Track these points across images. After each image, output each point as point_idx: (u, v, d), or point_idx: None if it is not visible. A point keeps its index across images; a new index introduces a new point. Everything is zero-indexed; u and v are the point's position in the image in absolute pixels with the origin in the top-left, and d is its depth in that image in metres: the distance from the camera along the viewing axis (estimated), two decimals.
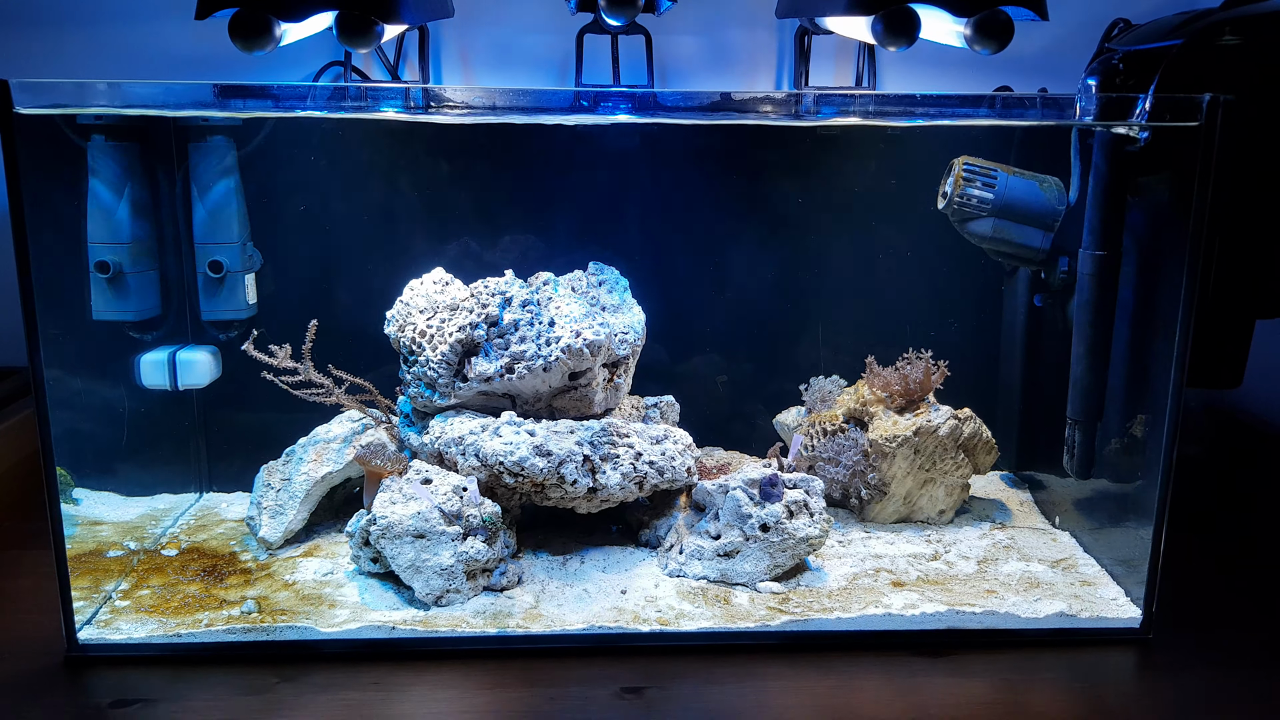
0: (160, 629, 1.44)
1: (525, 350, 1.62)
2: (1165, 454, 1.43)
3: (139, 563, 1.65)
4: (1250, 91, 1.40)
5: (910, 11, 1.54)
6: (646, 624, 1.47)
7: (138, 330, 1.81)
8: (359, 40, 1.56)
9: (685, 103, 1.44)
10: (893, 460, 1.79)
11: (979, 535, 1.79)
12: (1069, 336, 1.65)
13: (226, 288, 1.82)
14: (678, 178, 1.94)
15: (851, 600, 1.54)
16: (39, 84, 1.28)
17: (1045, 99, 1.49)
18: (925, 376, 1.82)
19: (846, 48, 2.03)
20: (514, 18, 2.00)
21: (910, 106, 1.44)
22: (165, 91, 1.38)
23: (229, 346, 1.84)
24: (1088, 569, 1.65)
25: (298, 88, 1.42)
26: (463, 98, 1.41)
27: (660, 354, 1.98)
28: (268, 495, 1.73)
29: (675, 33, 2.01)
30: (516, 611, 1.50)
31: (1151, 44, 1.52)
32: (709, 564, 1.59)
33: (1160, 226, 1.49)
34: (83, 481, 1.82)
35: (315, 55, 1.95)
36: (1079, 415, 1.64)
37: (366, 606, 1.51)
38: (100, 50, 1.98)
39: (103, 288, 1.74)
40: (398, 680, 1.36)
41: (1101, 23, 1.70)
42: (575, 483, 1.59)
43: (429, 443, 1.64)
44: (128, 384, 1.81)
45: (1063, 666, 1.41)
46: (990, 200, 1.73)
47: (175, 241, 1.83)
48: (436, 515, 1.51)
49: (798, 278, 2.01)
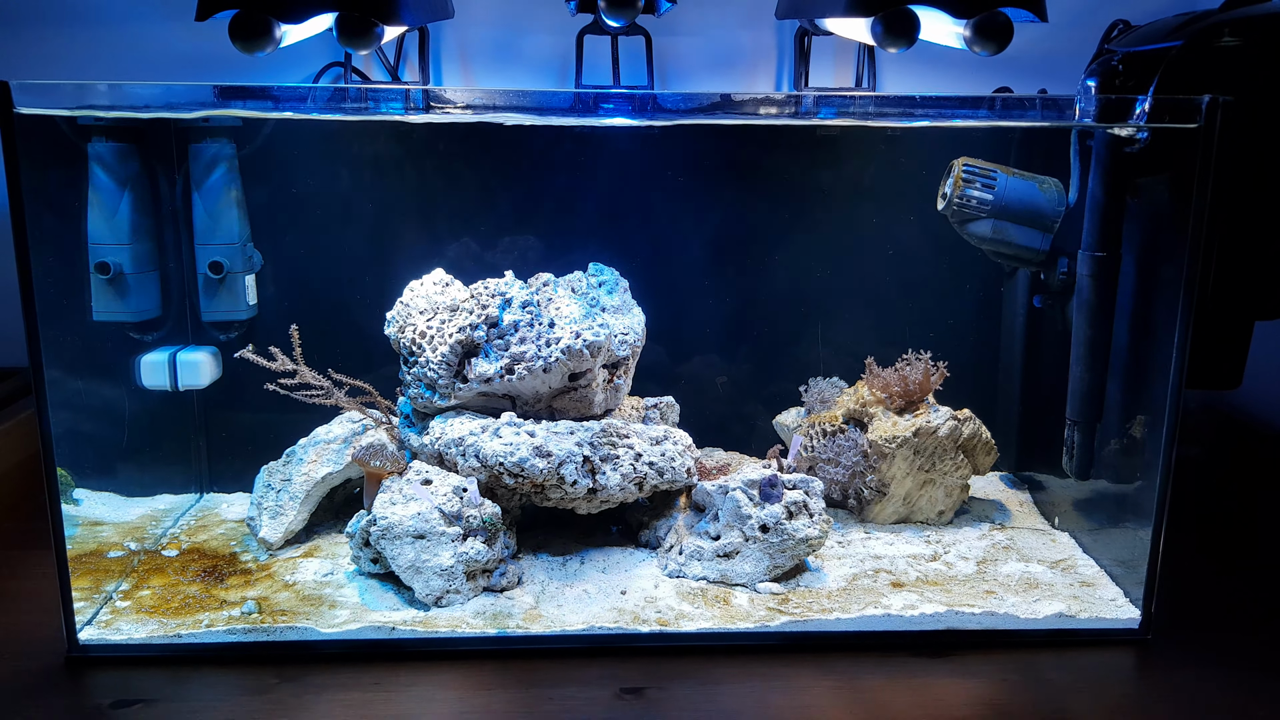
0: (161, 629, 1.44)
1: (525, 351, 1.62)
2: (1164, 455, 1.43)
3: (139, 563, 1.65)
4: (1250, 93, 1.40)
5: (910, 13, 1.54)
6: (646, 624, 1.47)
7: (138, 331, 1.81)
8: (359, 41, 1.56)
9: (685, 104, 1.44)
10: (892, 461, 1.79)
11: (978, 536, 1.79)
12: (1068, 337, 1.65)
13: (227, 288, 1.83)
14: (677, 179, 1.95)
15: (851, 601, 1.54)
16: (39, 85, 1.28)
17: (1045, 100, 1.49)
18: (924, 377, 1.82)
19: (846, 49, 2.03)
20: (514, 19, 2.00)
21: (910, 108, 1.44)
22: (165, 92, 1.38)
23: (229, 347, 1.84)
24: (1087, 570, 1.66)
25: (298, 89, 1.42)
26: (463, 99, 1.41)
27: (660, 355, 1.98)
28: (268, 496, 1.73)
29: (675, 34, 2.01)
30: (516, 612, 1.50)
31: (1151, 45, 1.52)
32: (709, 564, 1.59)
33: (1160, 228, 1.49)
34: (83, 482, 1.82)
35: (315, 56, 1.95)
36: (1078, 416, 1.64)
37: (367, 607, 1.51)
38: (101, 51, 1.98)
39: (103, 288, 1.74)
40: (398, 680, 1.36)
41: (1101, 24, 1.71)
42: (575, 483, 1.59)
43: (429, 443, 1.64)
44: (128, 385, 1.81)
45: (1062, 667, 1.41)
46: (990, 201, 1.73)
47: (175, 242, 1.84)
48: (436, 516, 1.51)
49: (797, 279, 2.01)
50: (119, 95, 1.35)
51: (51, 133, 1.68)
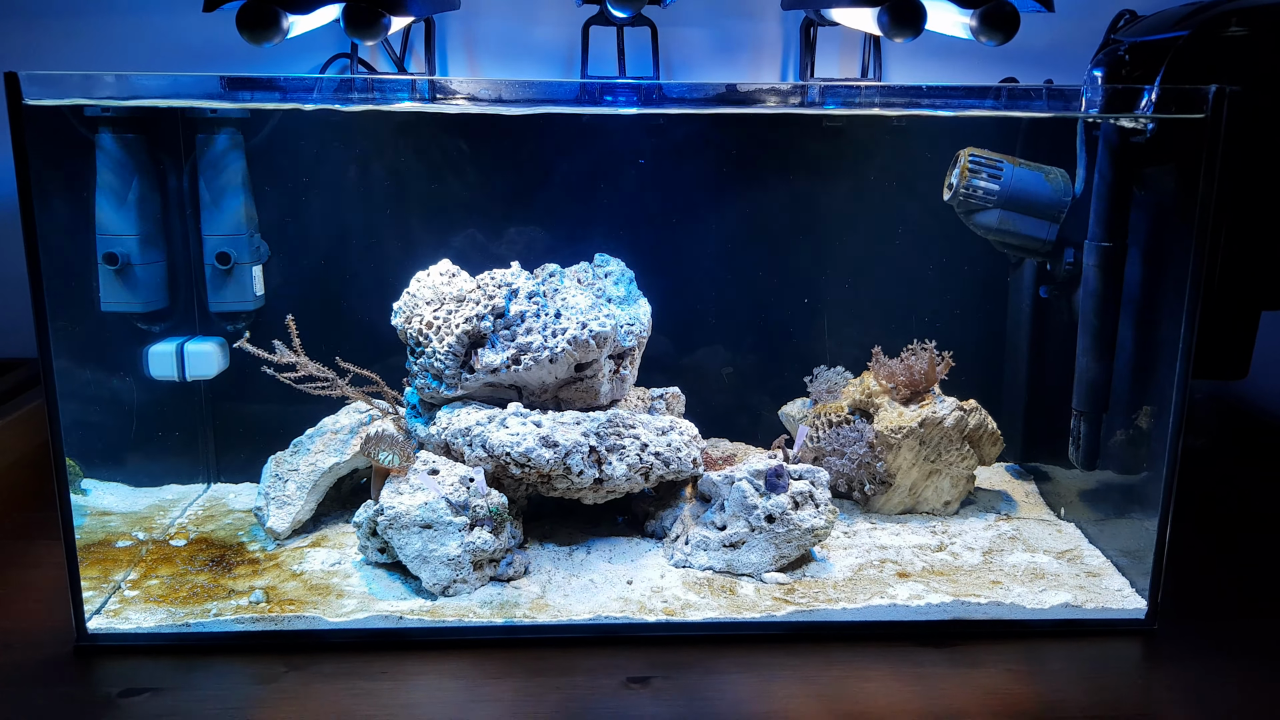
0: (169, 618, 1.45)
1: (531, 342, 1.62)
2: (1170, 445, 1.43)
3: (147, 553, 1.66)
4: (1256, 82, 1.40)
5: (916, 3, 1.53)
6: (652, 614, 1.47)
7: (146, 321, 1.81)
8: (366, 32, 1.56)
9: (691, 94, 1.44)
10: (898, 451, 1.79)
11: (984, 526, 1.79)
12: (1074, 328, 1.65)
13: (234, 279, 1.83)
14: (683, 169, 1.94)
15: (857, 591, 1.54)
16: (48, 76, 1.28)
17: (1051, 90, 1.49)
18: (930, 368, 1.82)
19: (852, 39, 2.03)
20: (519, 10, 2.00)
21: (916, 98, 1.44)
22: (173, 83, 1.38)
23: (236, 338, 1.85)
24: (1093, 560, 1.66)
25: (304, 79, 1.42)
26: (469, 89, 1.41)
27: (666, 345, 1.98)
28: (275, 486, 1.74)
29: (681, 24, 2.01)
30: (523, 601, 1.50)
31: (1157, 35, 1.51)
32: (714, 554, 1.60)
33: (1166, 218, 1.48)
34: (91, 472, 1.83)
35: (322, 47, 1.95)
36: (1084, 406, 1.64)
37: (374, 596, 1.52)
38: (108, 42, 1.98)
39: (111, 279, 1.74)
40: (405, 669, 1.37)
41: (1107, 14, 1.70)
42: (581, 473, 1.59)
43: (436, 433, 1.64)
44: (136, 375, 1.82)
45: (1068, 657, 1.41)
46: (996, 192, 1.73)
47: (183, 233, 1.84)
48: (443, 506, 1.51)
49: (803, 269, 2.01)
50: (126, 87, 1.36)
51: (60, 124, 1.69)
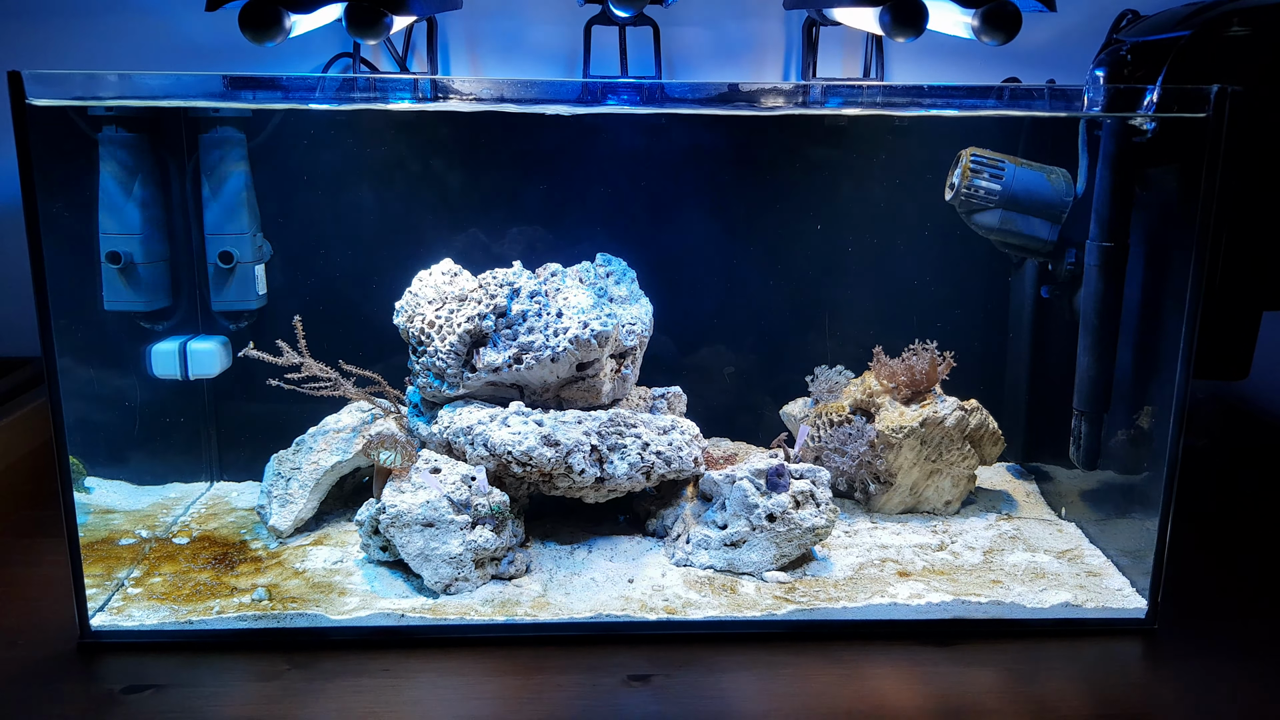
0: (172, 616, 1.45)
1: (533, 341, 1.63)
2: (1171, 445, 1.43)
3: (151, 551, 1.67)
4: (1258, 82, 1.40)
5: (918, 2, 1.53)
6: (653, 612, 1.48)
7: (149, 320, 1.82)
8: (368, 32, 1.56)
9: (693, 94, 1.44)
10: (899, 451, 1.80)
11: (985, 526, 1.79)
12: (1075, 328, 1.65)
13: (237, 278, 1.83)
14: (685, 169, 1.95)
15: (857, 590, 1.54)
16: (51, 75, 1.29)
17: (1053, 90, 1.49)
18: (931, 367, 1.82)
19: (854, 39, 2.03)
20: (521, 10, 2.00)
21: (918, 97, 1.44)
22: (175, 83, 1.38)
23: (239, 337, 1.85)
24: (1093, 560, 1.66)
25: (307, 79, 1.43)
26: (471, 89, 1.41)
27: (667, 345, 1.99)
28: (278, 484, 1.74)
29: (683, 24, 2.01)
30: (524, 600, 1.51)
31: (1159, 35, 1.51)
32: (716, 553, 1.60)
33: (1168, 218, 1.48)
34: (95, 471, 1.83)
35: (324, 47, 1.96)
36: (1085, 406, 1.64)
37: (376, 594, 1.52)
38: (111, 42, 1.98)
39: (114, 278, 1.75)
40: (407, 667, 1.37)
41: (1110, 14, 1.70)
42: (583, 472, 1.60)
43: (438, 432, 1.65)
44: (139, 374, 1.82)
45: (1068, 656, 1.41)
46: (998, 191, 1.73)
47: (186, 232, 1.84)
48: (445, 504, 1.52)
49: (804, 269, 2.01)
50: (129, 86, 1.36)
51: (64, 124, 1.69)
